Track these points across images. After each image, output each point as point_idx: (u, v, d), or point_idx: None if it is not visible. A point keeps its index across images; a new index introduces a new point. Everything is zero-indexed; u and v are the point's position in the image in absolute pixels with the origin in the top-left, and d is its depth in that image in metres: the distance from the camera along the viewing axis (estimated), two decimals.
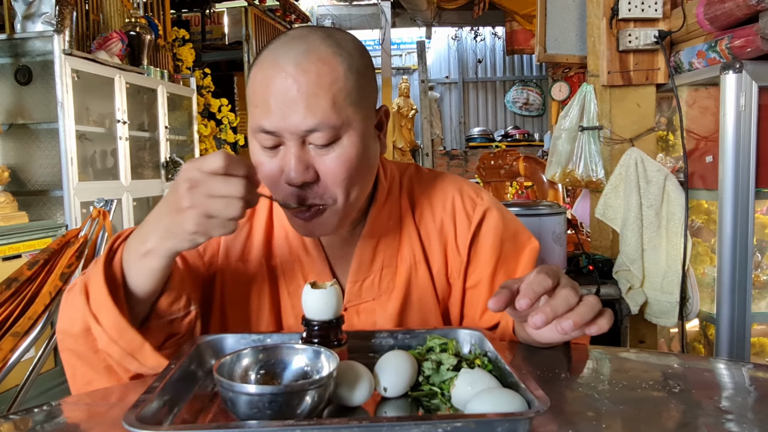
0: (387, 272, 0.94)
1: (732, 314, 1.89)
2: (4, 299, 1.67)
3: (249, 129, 0.84)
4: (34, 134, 3.09)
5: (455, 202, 0.99)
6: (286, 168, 0.80)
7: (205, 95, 4.79)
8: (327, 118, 0.78)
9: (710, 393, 0.72)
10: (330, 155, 0.80)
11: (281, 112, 0.78)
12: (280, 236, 0.95)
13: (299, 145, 0.79)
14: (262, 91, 0.79)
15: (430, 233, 0.97)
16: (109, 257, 0.80)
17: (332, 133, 0.79)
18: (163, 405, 0.63)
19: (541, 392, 0.59)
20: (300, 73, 0.77)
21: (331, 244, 0.95)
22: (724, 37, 1.86)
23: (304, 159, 0.80)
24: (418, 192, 1.00)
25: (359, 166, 0.83)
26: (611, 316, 0.73)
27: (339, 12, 7.87)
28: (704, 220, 2.20)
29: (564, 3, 2.51)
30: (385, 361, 0.71)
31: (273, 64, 0.79)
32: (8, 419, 0.68)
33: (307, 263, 0.94)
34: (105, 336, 0.75)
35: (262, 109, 0.79)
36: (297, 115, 0.77)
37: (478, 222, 0.98)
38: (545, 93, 9.42)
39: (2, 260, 2.59)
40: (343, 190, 0.82)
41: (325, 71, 0.78)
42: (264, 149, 0.82)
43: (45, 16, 3.02)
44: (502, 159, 3.90)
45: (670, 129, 2.35)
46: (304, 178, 0.79)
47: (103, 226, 1.92)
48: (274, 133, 0.79)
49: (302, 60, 0.78)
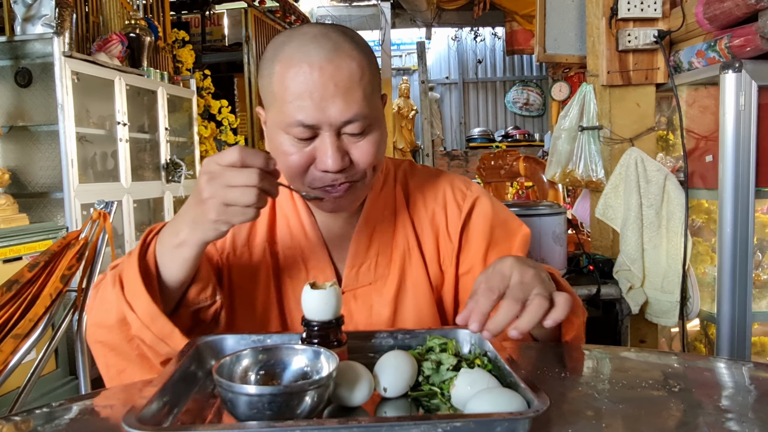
0: (382, 259, 1.00)
1: (732, 313, 1.89)
2: (4, 301, 1.67)
3: (276, 123, 0.88)
4: (35, 136, 3.09)
5: (446, 193, 1.05)
6: (323, 157, 0.86)
7: (205, 97, 4.79)
8: (362, 110, 0.85)
9: (710, 392, 0.72)
10: (362, 142, 0.88)
11: (320, 106, 0.83)
12: (282, 224, 1.00)
13: (335, 135, 0.86)
14: (295, 87, 0.84)
15: (422, 223, 1.03)
16: (143, 250, 0.86)
17: (366, 123, 0.86)
18: (163, 406, 0.63)
19: (540, 392, 0.59)
20: (335, 70, 0.83)
21: (330, 232, 1.00)
22: (723, 37, 1.86)
23: (341, 148, 0.86)
24: (411, 185, 1.06)
25: (383, 148, 0.92)
26: (566, 302, 0.72)
27: (339, 13, 7.87)
28: (704, 219, 2.20)
29: (563, 3, 2.51)
30: (384, 361, 0.71)
31: (304, 60, 0.84)
32: (9, 421, 0.68)
33: (307, 249, 0.99)
34: (138, 322, 0.80)
35: (297, 105, 0.84)
36: (335, 108, 0.84)
37: (468, 210, 1.03)
38: (545, 93, 9.43)
39: (3, 262, 2.59)
40: (372, 170, 0.91)
41: (354, 67, 0.85)
42: (296, 142, 0.86)
43: (45, 18, 3.02)
44: (503, 159, 3.90)
45: (669, 128, 2.35)
46: (342, 165, 0.86)
47: (103, 227, 1.92)
48: (313, 126, 0.85)
49: (334, 57, 0.84)
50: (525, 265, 0.76)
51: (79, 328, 1.89)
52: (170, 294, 0.85)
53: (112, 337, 0.84)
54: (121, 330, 0.82)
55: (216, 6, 5.84)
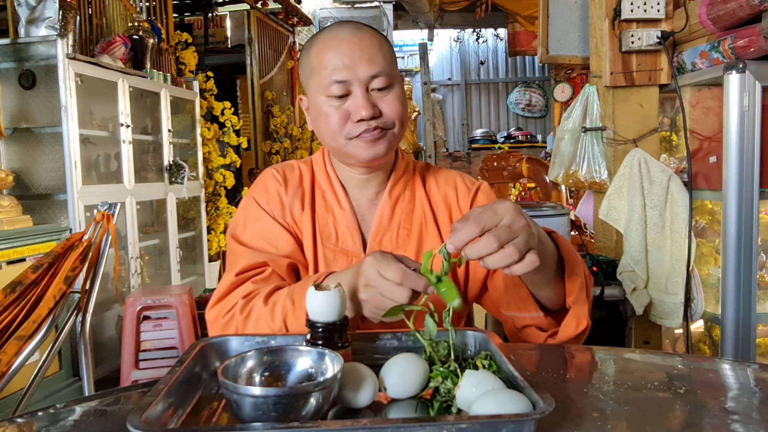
0: (403, 230, 1.14)
1: (737, 315, 1.89)
2: (8, 303, 1.67)
3: (317, 89, 1.06)
4: (38, 138, 3.10)
5: (457, 180, 1.22)
6: (357, 107, 1.03)
7: (208, 98, 4.79)
8: (384, 67, 1.04)
9: (715, 394, 0.72)
10: (387, 96, 1.05)
11: (351, 64, 1.02)
12: (319, 195, 1.16)
13: (365, 90, 1.03)
14: (330, 56, 1.03)
15: (437, 200, 1.18)
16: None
17: (388, 79, 1.04)
18: (167, 407, 0.63)
19: (546, 393, 0.59)
20: (360, 38, 1.04)
21: (359, 204, 1.16)
22: (726, 38, 1.86)
23: (370, 99, 1.04)
24: (427, 174, 1.22)
25: (405, 108, 1.09)
26: (531, 262, 0.78)
27: (341, 15, 7.87)
28: (708, 220, 2.19)
29: (566, 4, 2.51)
30: (391, 363, 0.70)
31: (334, 37, 1.05)
32: (13, 422, 0.68)
33: (339, 216, 1.13)
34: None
35: (332, 68, 1.03)
36: (363, 65, 1.03)
37: (476, 190, 1.20)
38: (548, 94, 9.42)
39: (7, 264, 2.59)
40: (398, 121, 1.07)
41: (375, 39, 1.06)
42: (333, 100, 1.04)
43: (48, 20, 3.02)
44: (505, 160, 3.90)
45: (673, 129, 2.35)
46: (373, 113, 1.03)
47: (107, 229, 1.92)
48: (345, 82, 1.02)
49: (357, 32, 1.05)
50: (519, 214, 0.80)
51: (82, 330, 1.89)
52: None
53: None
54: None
55: (219, 8, 5.85)
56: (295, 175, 1.18)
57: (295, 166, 1.20)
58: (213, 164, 4.68)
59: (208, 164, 4.63)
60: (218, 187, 4.72)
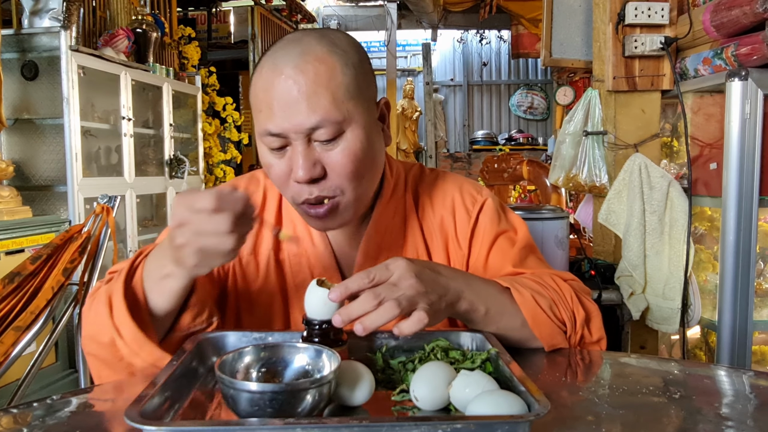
0: None
1: (733, 322, 1.89)
2: (6, 293, 1.67)
3: (256, 133, 0.86)
4: (40, 129, 3.10)
5: (455, 199, 1.03)
6: (294, 166, 0.83)
7: (210, 93, 4.80)
8: (329, 114, 0.80)
9: (710, 399, 0.72)
10: (335, 150, 0.83)
11: (284, 113, 0.80)
12: (288, 230, 0.98)
13: (305, 143, 0.82)
14: (264, 95, 0.82)
15: (432, 229, 1.01)
16: (130, 274, 0.82)
17: (335, 128, 0.82)
18: (164, 401, 0.63)
19: (541, 395, 0.59)
20: (298, 74, 0.80)
21: (338, 238, 0.98)
22: (730, 45, 1.86)
23: (310, 156, 0.82)
24: (421, 190, 1.04)
25: (364, 158, 0.85)
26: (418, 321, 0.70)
27: (345, 13, 7.87)
28: (707, 227, 2.20)
29: (570, 8, 2.51)
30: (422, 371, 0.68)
31: (272, 68, 0.82)
32: (9, 413, 0.68)
33: (313, 256, 0.97)
34: (127, 348, 0.78)
35: (266, 114, 0.82)
36: (300, 115, 0.80)
37: (477, 215, 1.01)
38: (550, 97, 9.41)
39: (5, 254, 2.59)
40: (351, 183, 0.85)
41: (322, 70, 0.81)
42: (272, 151, 0.85)
43: (52, 12, 3.02)
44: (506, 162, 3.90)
45: (674, 135, 2.35)
46: (311, 175, 0.82)
47: (106, 222, 1.92)
48: (280, 135, 0.82)
49: (299, 61, 0.81)
50: (412, 272, 0.73)
51: (79, 322, 1.89)
52: (160, 321, 0.81)
53: (104, 354, 0.80)
54: (112, 350, 0.79)
55: (223, 3, 5.84)
56: (258, 197, 1.01)
57: (261, 185, 1.02)
58: (214, 159, 4.69)
59: (208, 159, 4.63)
60: (218, 182, 4.73)
